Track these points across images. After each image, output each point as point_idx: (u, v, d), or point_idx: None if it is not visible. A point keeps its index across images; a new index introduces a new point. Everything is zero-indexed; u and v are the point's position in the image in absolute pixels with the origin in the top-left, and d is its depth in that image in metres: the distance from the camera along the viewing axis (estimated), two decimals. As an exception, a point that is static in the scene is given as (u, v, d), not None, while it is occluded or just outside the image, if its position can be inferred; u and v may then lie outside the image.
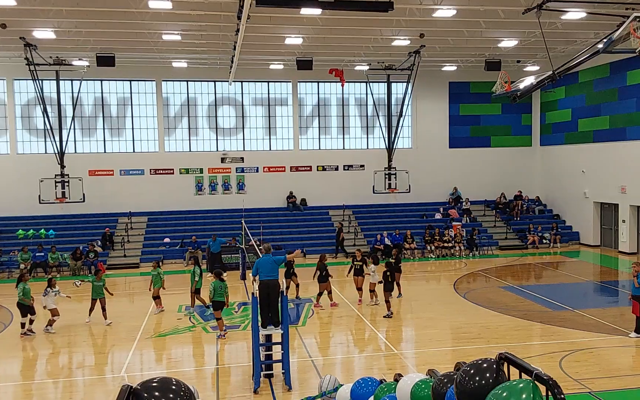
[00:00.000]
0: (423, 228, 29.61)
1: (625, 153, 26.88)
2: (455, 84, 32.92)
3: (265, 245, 13.06)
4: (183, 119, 31.32)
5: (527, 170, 33.70)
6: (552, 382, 2.91)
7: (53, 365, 13.94)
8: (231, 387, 11.95)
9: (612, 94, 27.70)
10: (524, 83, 19.04)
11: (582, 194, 30.05)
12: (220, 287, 15.04)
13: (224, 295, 15.11)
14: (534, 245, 29.68)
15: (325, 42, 24.62)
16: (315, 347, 14.78)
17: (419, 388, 4.13)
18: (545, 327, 15.74)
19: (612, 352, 13.65)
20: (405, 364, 13.14)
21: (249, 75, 30.68)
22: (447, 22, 21.57)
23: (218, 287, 14.99)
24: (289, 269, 19.18)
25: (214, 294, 14.98)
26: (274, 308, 11.80)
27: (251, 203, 30.37)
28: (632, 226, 27.14)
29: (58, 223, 28.84)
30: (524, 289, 20.53)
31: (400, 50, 25.89)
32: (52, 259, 25.53)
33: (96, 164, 30.07)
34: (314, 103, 32.52)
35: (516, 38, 24.55)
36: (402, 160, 30.86)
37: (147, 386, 3.01)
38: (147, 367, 13.65)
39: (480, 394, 3.15)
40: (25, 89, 29.44)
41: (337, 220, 30.93)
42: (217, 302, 15.04)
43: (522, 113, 33.69)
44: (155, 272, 18.06)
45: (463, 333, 15.44)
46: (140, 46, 24.83)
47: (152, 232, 29.38)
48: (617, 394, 11.08)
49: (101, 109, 30.55)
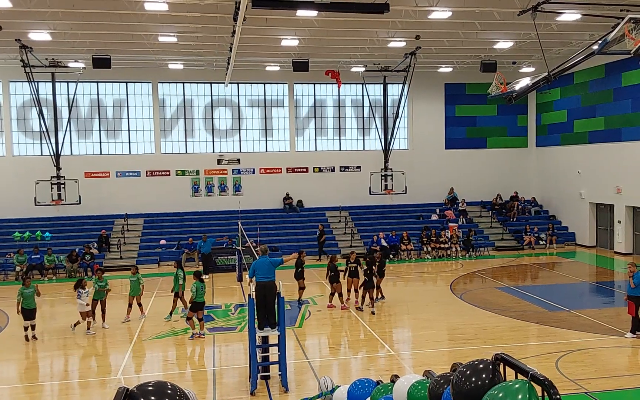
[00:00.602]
0: (419, 229, 29.64)
1: (620, 154, 26.96)
2: (451, 85, 32.98)
3: (262, 247, 13.07)
4: (179, 121, 31.29)
5: (523, 171, 33.78)
6: (548, 383, 2.92)
7: (49, 367, 13.90)
8: (228, 388, 11.93)
9: (608, 95, 27.80)
10: (519, 84, 19.12)
11: (577, 195, 30.14)
12: (202, 288, 15.36)
13: (204, 297, 15.45)
14: (530, 246, 29.74)
15: (321, 44, 24.64)
16: (312, 348, 14.77)
17: (416, 389, 4.13)
18: (541, 327, 15.77)
19: (608, 352, 13.69)
20: (402, 365, 13.14)
21: (245, 76, 30.67)
22: (442, 23, 21.60)
23: (200, 288, 15.25)
24: (298, 270, 19.08)
25: (196, 295, 15.18)
26: (271, 309, 11.81)
27: (248, 204, 30.35)
28: (627, 227, 27.23)
29: (54, 225, 28.77)
30: (520, 290, 20.57)
31: (396, 51, 25.93)
32: (48, 262, 25.44)
33: (92, 166, 30.00)
34: (310, 104, 32.53)
35: (512, 39, 24.61)
36: (399, 161, 30.88)
37: (143, 389, 3.02)
38: (144, 369, 13.63)
39: (476, 395, 3.16)
40: (21, 91, 29.37)
41: (334, 221, 30.98)
42: (198, 303, 15.31)
43: (517, 114, 33.77)
44: (135, 278, 17.34)
45: (459, 334, 15.46)
46: (136, 48, 24.80)
47: (148, 234, 29.33)
48: (613, 394, 11.11)
49: (97, 111, 30.48)
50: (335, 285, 18.30)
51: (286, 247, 28.43)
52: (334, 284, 18.30)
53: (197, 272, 15.75)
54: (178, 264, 17.94)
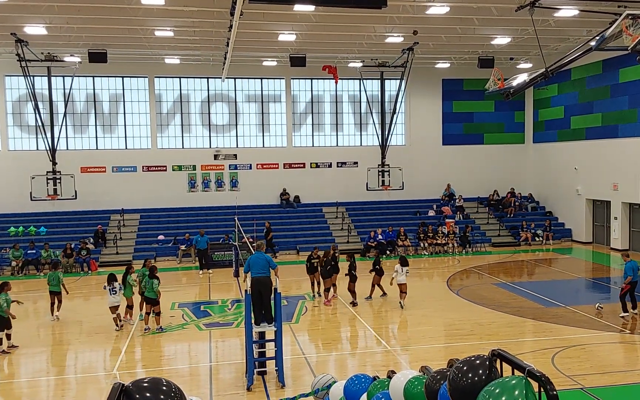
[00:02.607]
0: (416, 225, 29.65)
1: (617, 150, 27.00)
2: (448, 81, 32.96)
3: (259, 242, 13.04)
4: (176, 116, 31.20)
5: (520, 168, 33.81)
6: (544, 379, 2.90)
7: (45, 362, 13.87)
8: (224, 384, 11.92)
9: (605, 91, 27.81)
10: (517, 80, 19.08)
11: (574, 191, 30.18)
12: (156, 283, 15.47)
13: (154, 292, 15.41)
14: (527, 242, 29.78)
15: (319, 39, 24.59)
16: (309, 344, 14.77)
17: (412, 385, 4.12)
18: (537, 323, 15.80)
19: (604, 348, 13.73)
20: (398, 360, 13.16)
21: (242, 71, 30.58)
22: (440, 19, 21.58)
23: (154, 284, 15.42)
24: (327, 268, 18.61)
25: (146, 290, 15.54)
26: (267, 305, 11.79)
27: (244, 200, 30.31)
28: (624, 223, 27.29)
29: (50, 220, 28.70)
30: (517, 286, 20.61)
31: (394, 47, 25.89)
32: (44, 257, 25.36)
33: (88, 161, 29.91)
34: (307, 100, 32.48)
35: (509, 35, 24.60)
36: (396, 157, 30.87)
37: (138, 385, 3.00)
38: (140, 365, 13.61)
39: (472, 391, 3.15)
40: (17, 85, 29.24)
41: (331, 217, 30.97)
42: (149, 299, 15.58)
43: (515, 110, 33.79)
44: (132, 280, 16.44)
45: (456, 330, 15.48)
46: (132, 42, 24.69)
47: (144, 230, 29.27)
48: (609, 390, 11.14)
49: (93, 106, 30.38)
50: (326, 280, 18.45)
51: (283, 243, 28.45)
52: (326, 280, 18.44)
53: (152, 268, 15.83)
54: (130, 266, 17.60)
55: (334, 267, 18.47)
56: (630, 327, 15.36)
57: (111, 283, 15.72)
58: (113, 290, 15.69)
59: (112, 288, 15.69)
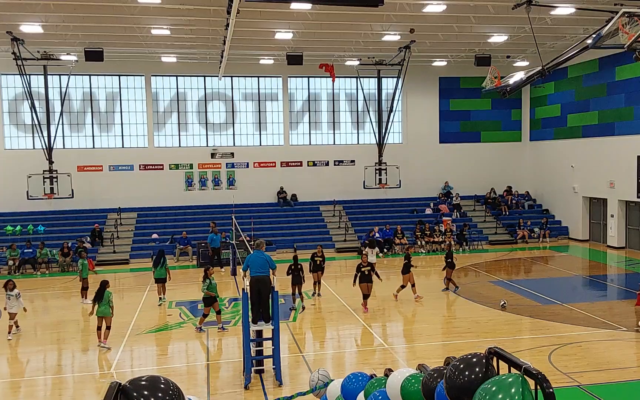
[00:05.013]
0: (413, 223, 29.68)
1: (613, 148, 27.06)
2: (445, 79, 32.97)
3: (258, 241, 12.99)
4: (172, 114, 31.15)
5: (516, 165, 33.86)
6: (541, 376, 2.91)
7: (42, 361, 13.84)
8: (222, 382, 11.92)
9: (601, 89, 27.87)
10: (513, 78, 19.08)
11: (571, 189, 30.24)
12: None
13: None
14: (524, 240, 29.84)
15: (316, 37, 24.56)
16: (306, 342, 14.78)
17: (409, 383, 4.12)
18: (534, 321, 15.84)
19: (601, 345, 13.76)
20: (396, 358, 13.17)
21: (239, 70, 30.54)
22: (437, 17, 21.58)
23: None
24: (316, 264, 18.97)
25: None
26: (265, 304, 11.79)
27: (241, 199, 30.28)
28: (620, 221, 27.35)
29: (47, 219, 28.62)
30: (514, 284, 20.65)
31: (391, 45, 25.88)
32: (40, 256, 25.30)
33: (85, 160, 29.84)
34: (304, 98, 32.46)
35: (506, 33, 24.61)
36: (393, 155, 30.87)
37: (135, 384, 2.99)
38: (137, 363, 13.60)
39: (469, 389, 3.15)
40: (13, 84, 29.16)
41: (328, 215, 30.96)
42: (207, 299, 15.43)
43: (511, 108, 33.83)
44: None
45: (453, 328, 15.51)
46: (129, 41, 24.62)
47: (141, 228, 29.22)
48: (605, 387, 11.17)
49: (90, 104, 30.31)
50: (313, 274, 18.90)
51: (280, 242, 28.42)
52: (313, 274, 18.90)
53: (206, 269, 15.92)
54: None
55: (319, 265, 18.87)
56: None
57: (12, 289, 15.15)
58: (9, 296, 15.09)
59: (9, 295, 15.09)
